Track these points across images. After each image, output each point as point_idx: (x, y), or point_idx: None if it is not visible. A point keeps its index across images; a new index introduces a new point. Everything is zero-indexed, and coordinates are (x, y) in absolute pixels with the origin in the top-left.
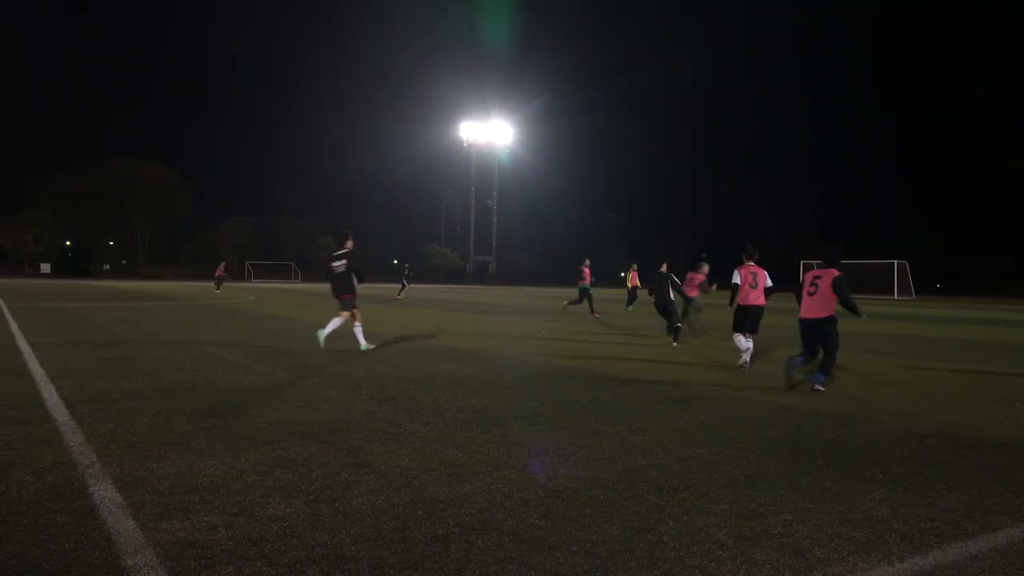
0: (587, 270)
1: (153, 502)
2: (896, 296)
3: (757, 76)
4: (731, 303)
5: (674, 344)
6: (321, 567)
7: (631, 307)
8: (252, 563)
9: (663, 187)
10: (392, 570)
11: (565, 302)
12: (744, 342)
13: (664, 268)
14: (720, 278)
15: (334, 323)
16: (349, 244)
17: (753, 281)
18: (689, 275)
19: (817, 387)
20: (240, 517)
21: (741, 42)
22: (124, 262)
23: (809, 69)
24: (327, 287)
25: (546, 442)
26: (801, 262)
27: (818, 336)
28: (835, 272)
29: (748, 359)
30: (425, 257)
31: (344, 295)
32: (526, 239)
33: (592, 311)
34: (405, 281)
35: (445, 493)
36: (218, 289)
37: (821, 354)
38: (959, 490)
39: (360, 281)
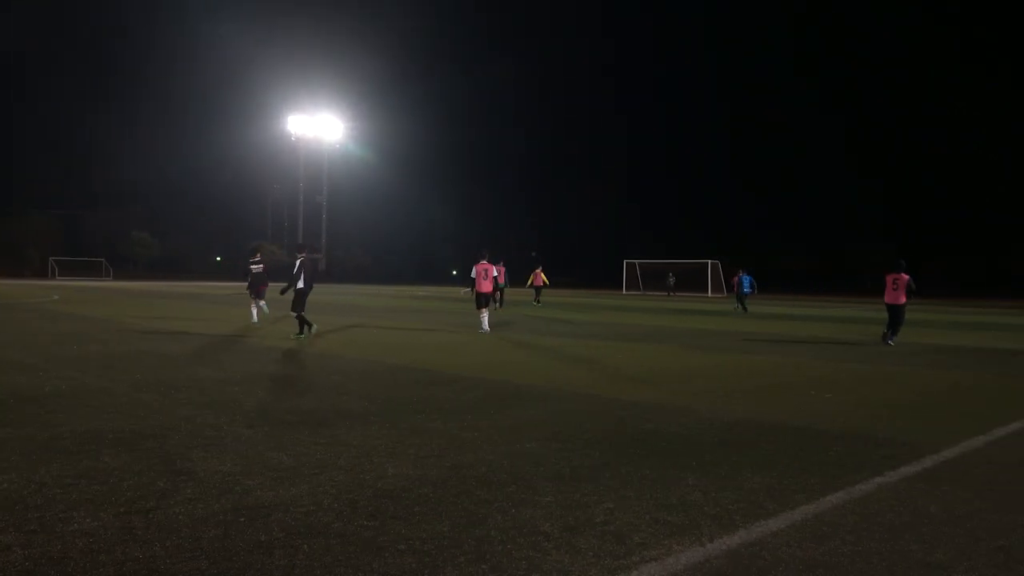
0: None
1: None
2: (709, 294)
3: (596, 74)
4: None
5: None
6: None
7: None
8: None
9: (496, 186)
10: None
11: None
12: (484, 316)
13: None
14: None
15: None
16: (260, 255)
17: (485, 275)
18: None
19: (890, 343)
20: (39, 534)
21: (573, 38)
22: None
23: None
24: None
25: (375, 441)
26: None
27: (897, 313)
28: (905, 276)
29: (487, 327)
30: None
31: (261, 288)
32: (358, 237)
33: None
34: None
35: (269, 498)
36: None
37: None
38: (762, 472)
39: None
